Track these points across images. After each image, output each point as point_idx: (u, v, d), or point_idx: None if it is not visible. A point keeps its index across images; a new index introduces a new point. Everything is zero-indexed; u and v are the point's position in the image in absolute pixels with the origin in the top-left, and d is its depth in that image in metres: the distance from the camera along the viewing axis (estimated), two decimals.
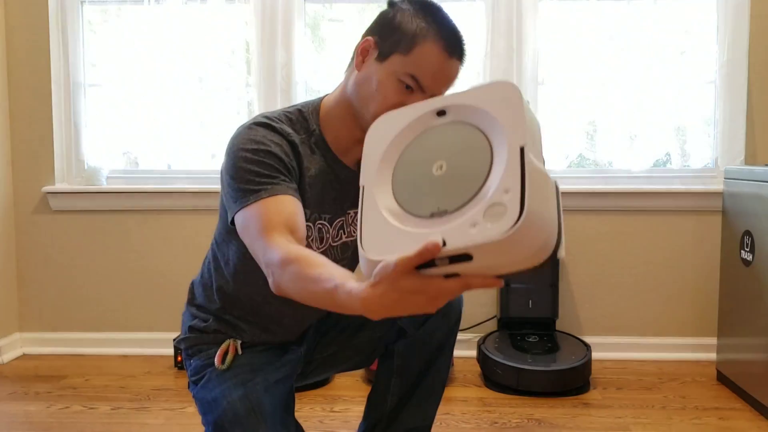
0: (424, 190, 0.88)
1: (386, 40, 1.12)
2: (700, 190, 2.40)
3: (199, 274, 1.32)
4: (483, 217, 0.80)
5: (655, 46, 2.40)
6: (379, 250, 0.85)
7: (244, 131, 1.11)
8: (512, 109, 0.87)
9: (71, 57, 2.55)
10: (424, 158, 0.90)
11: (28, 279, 2.57)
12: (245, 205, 1.05)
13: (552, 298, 2.28)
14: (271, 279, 0.98)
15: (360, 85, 1.15)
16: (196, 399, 1.22)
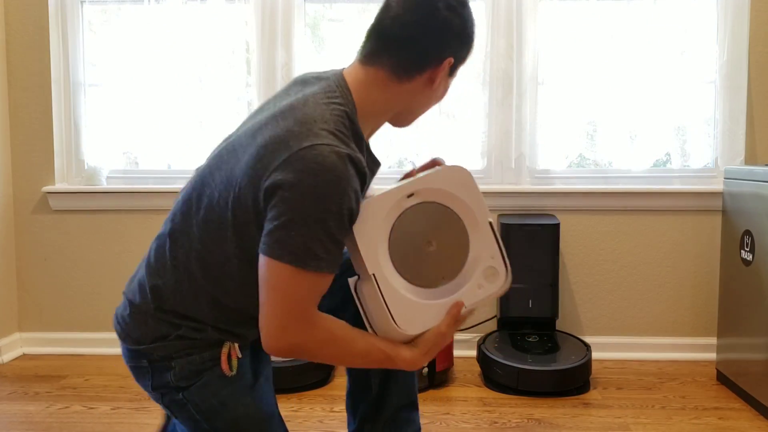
0: (426, 266, 1.12)
1: (459, 56, 1.14)
2: (700, 190, 2.40)
3: (172, 279, 1.12)
4: (484, 280, 1.14)
5: (655, 46, 2.40)
6: (414, 325, 1.10)
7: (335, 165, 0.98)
8: (471, 190, 1.15)
9: (71, 57, 2.55)
10: (413, 239, 1.11)
11: (28, 279, 2.57)
12: (304, 267, 0.99)
13: (552, 298, 2.28)
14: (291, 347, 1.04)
15: (431, 100, 1.18)
16: (187, 402, 1.14)
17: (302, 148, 0.99)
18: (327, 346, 1.06)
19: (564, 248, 2.47)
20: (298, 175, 0.98)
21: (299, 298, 1.02)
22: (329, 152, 0.98)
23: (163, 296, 1.12)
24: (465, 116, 2.50)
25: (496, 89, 2.44)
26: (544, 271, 2.27)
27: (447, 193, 1.13)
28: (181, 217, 1.13)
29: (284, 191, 0.98)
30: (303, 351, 1.05)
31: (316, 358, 1.09)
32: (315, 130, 1.01)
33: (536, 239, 2.25)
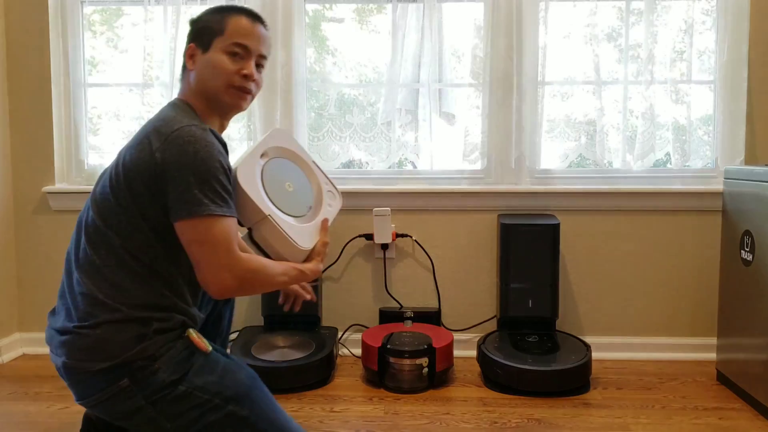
0: (294, 201, 1.50)
1: (202, 37, 1.40)
2: (700, 190, 2.40)
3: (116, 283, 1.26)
4: (330, 200, 1.59)
5: (655, 46, 2.39)
6: (307, 242, 1.47)
7: (204, 136, 1.27)
8: (294, 142, 1.58)
9: (71, 57, 2.55)
10: (277, 184, 1.47)
11: (28, 279, 2.57)
12: (213, 214, 1.23)
13: (552, 298, 2.28)
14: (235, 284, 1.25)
15: (202, 75, 1.40)
16: (193, 390, 1.25)
17: (174, 131, 1.26)
18: (259, 273, 1.31)
19: (564, 248, 2.47)
20: (180, 147, 1.24)
21: (223, 240, 1.24)
22: (196, 128, 1.27)
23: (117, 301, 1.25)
24: (465, 116, 2.50)
25: (496, 89, 2.44)
26: (544, 271, 2.27)
27: (282, 148, 1.54)
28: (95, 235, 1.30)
29: (174, 164, 1.23)
30: (247, 283, 1.29)
31: (256, 288, 1.37)
32: (177, 119, 1.29)
33: (536, 239, 2.25)
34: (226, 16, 1.41)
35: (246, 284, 1.28)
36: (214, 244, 1.23)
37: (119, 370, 1.22)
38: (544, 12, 2.39)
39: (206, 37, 1.40)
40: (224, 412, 1.26)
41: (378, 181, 2.54)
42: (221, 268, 1.24)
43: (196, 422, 1.25)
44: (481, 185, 2.50)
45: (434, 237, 2.50)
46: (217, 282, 1.24)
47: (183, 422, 1.25)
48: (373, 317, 2.51)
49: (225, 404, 1.26)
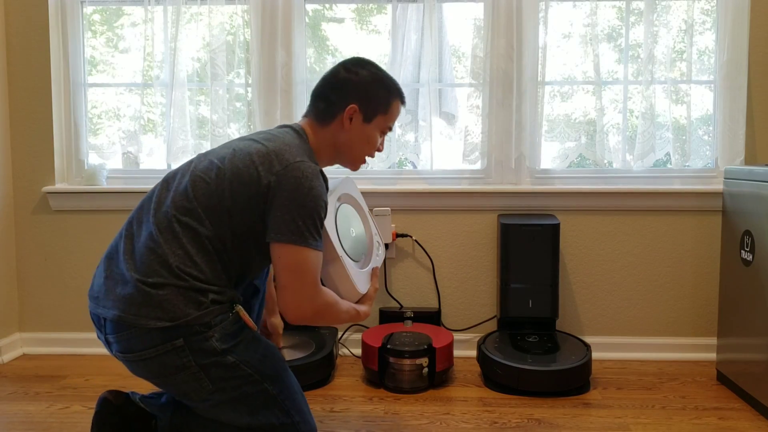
0: (355, 246, 1.61)
1: (368, 107, 1.53)
2: (700, 190, 2.40)
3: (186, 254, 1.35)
4: (379, 250, 1.72)
5: (656, 46, 2.39)
6: (363, 287, 1.57)
7: (318, 176, 1.39)
8: (357, 191, 1.72)
9: (71, 57, 2.55)
10: (345, 230, 1.59)
11: (28, 279, 2.57)
12: (304, 245, 1.35)
13: (552, 298, 2.28)
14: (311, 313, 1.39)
15: (350, 141, 1.55)
16: (240, 362, 1.37)
17: (296, 161, 1.38)
18: (332, 309, 1.43)
19: (564, 248, 2.47)
20: (296, 179, 1.35)
21: (312, 272, 1.37)
22: (312, 167, 1.39)
23: (184, 270, 1.33)
24: (465, 116, 2.50)
25: (496, 89, 2.44)
26: (544, 271, 2.27)
27: (350, 195, 1.66)
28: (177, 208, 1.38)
29: (288, 193, 1.35)
30: (320, 315, 1.41)
31: (325, 320, 1.45)
32: (299, 153, 1.41)
33: (536, 239, 2.26)
34: (392, 98, 1.57)
35: (319, 316, 1.41)
36: (304, 274, 1.35)
37: (177, 331, 1.31)
38: (544, 12, 2.39)
39: (372, 109, 1.54)
40: (260, 387, 1.39)
41: (378, 181, 2.54)
42: (304, 297, 1.37)
43: (235, 390, 1.37)
44: (481, 185, 2.50)
45: (434, 237, 2.50)
46: (296, 308, 1.37)
47: (223, 386, 1.36)
48: (373, 317, 2.51)
49: (262, 381, 1.39)
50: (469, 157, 2.49)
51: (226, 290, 1.39)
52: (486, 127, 2.46)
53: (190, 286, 1.33)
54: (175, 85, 2.46)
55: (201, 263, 1.35)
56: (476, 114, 2.47)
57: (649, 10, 2.37)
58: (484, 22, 2.42)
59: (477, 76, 2.45)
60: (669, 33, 2.40)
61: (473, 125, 2.48)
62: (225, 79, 2.49)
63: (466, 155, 2.49)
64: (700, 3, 2.46)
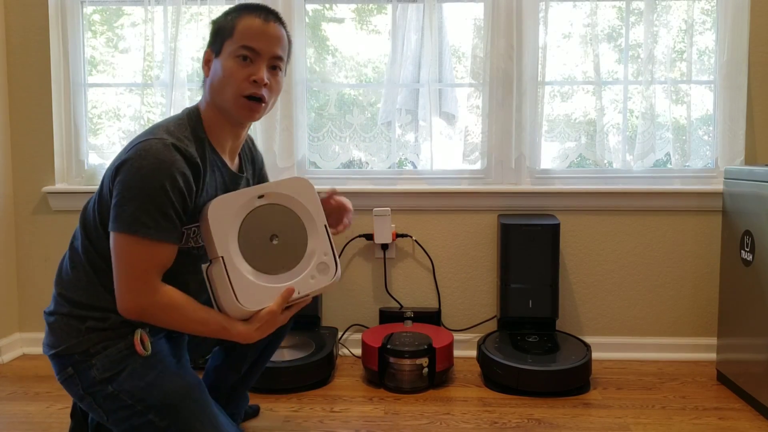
0: (268, 254, 1.34)
1: (216, 41, 1.36)
2: (700, 190, 2.40)
3: (70, 276, 1.34)
4: (317, 272, 1.38)
5: (656, 46, 2.39)
6: (253, 303, 1.29)
7: (154, 153, 1.22)
8: (312, 196, 1.41)
9: (71, 57, 2.55)
10: (260, 232, 1.34)
11: (28, 279, 2.57)
12: (132, 233, 1.20)
13: (552, 298, 2.28)
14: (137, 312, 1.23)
15: (213, 83, 1.36)
16: (119, 393, 1.28)
17: (139, 143, 1.24)
18: (169, 311, 1.25)
19: (564, 248, 2.47)
20: (129, 161, 1.22)
21: (137, 263, 1.21)
22: (156, 143, 1.23)
23: (67, 296, 1.32)
24: (465, 116, 2.50)
25: (496, 89, 2.44)
26: (544, 271, 2.27)
27: (292, 198, 1.39)
28: (77, 232, 1.36)
29: (120, 174, 1.23)
30: (148, 314, 1.24)
31: (161, 323, 1.27)
32: (154, 131, 1.27)
33: (536, 239, 2.25)
34: (237, 17, 1.34)
35: (148, 316, 1.25)
36: (128, 263, 1.22)
37: (64, 360, 1.32)
38: (544, 12, 2.39)
39: (219, 40, 1.35)
40: (145, 419, 1.28)
41: (378, 181, 2.54)
42: (129, 290, 1.23)
43: (124, 421, 1.30)
44: (481, 185, 2.50)
45: (434, 237, 2.50)
46: (121, 300, 1.24)
47: (115, 418, 1.31)
48: (373, 317, 2.51)
49: (147, 412, 1.28)
50: (469, 157, 2.49)
51: (110, 314, 1.30)
52: (486, 127, 2.46)
53: (69, 312, 1.31)
54: (175, 85, 2.46)
55: (80, 287, 1.31)
56: (476, 114, 2.47)
57: (649, 10, 2.37)
58: (484, 22, 2.42)
59: (477, 76, 2.45)
60: (669, 33, 2.40)
61: (473, 125, 2.48)
62: None
63: (466, 155, 2.49)
64: (700, 3, 2.46)
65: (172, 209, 1.23)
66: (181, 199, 1.25)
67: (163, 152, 1.22)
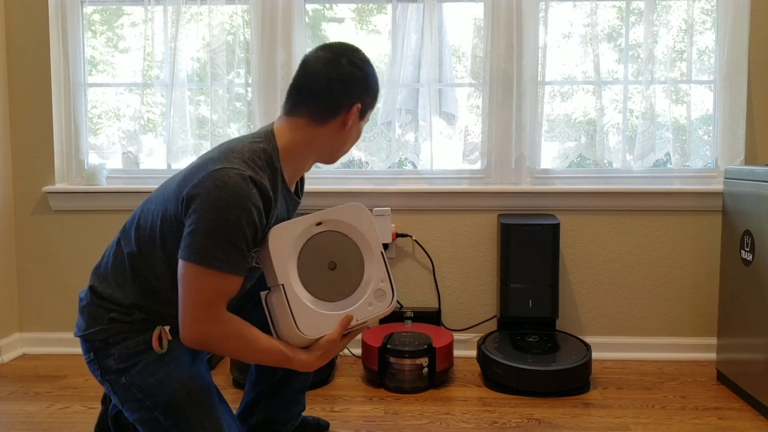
0: (328, 283, 1.36)
1: (365, 101, 1.39)
2: (700, 190, 2.40)
3: (108, 271, 1.38)
4: (374, 299, 1.39)
5: (656, 46, 2.39)
6: (314, 331, 1.32)
7: (237, 186, 1.22)
8: (368, 223, 1.42)
9: (71, 57, 2.55)
10: (319, 260, 1.36)
11: (28, 279, 2.57)
12: (203, 265, 1.21)
13: (552, 298, 2.28)
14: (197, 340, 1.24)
15: (350, 139, 1.42)
16: (131, 385, 1.31)
17: (215, 170, 1.24)
18: (232, 341, 1.27)
19: (564, 248, 2.47)
20: (206, 191, 1.22)
21: (205, 294, 1.22)
22: (234, 174, 1.23)
23: (98, 289, 1.37)
24: (465, 116, 2.50)
25: (496, 89, 2.44)
26: (544, 271, 2.27)
27: (349, 225, 1.40)
28: (128, 227, 1.39)
29: (195, 203, 1.23)
30: (211, 343, 1.26)
31: (224, 352, 1.29)
32: (230, 158, 1.26)
33: (536, 239, 2.26)
34: (378, 93, 1.45)
35: (211, 345, 1.26)
36: (196, 294, 1.23)
37: (88, 344, 1.35)
38: (544, 12, 2.39)
39: (367, 105, 1.41)
40: (152, 415, 1.31)
41: (378, 181, 2.54)
42: (194, 319, 1.24)
43: (134, 413, 1.33)
44: (481, 185, 2.50)
45: (434, 237, 2.50)
46: (185, 328, 1.25)
47: (126, 407, 1.34)
48: None
49: (153, 408, 1.31)
50: (469, 157, 2.49)
51: (134, 311, 1.34)
52: (486, 127, 2.46)
53: (97, 303, 1.36)
54: (175, 85, 2.46)
55: (113, 285, 1.36)
56: (476, 114, 2.47)
57: (649, 10, 2.37)
58: (484, 22, 2.42)
59: (477, 76, 2.45)
60: (669, 33, 2.40)
61: (473, 125, 2.48)
62: (225, 79, 2.49)
63: (466, 155, 2.49)
64: (700, 3, 2.46)
65: (244, 242, 1.24)
66: (253, 231, 1.26)
67: (240, 186, 1.22)
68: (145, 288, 1.34)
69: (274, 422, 1.66)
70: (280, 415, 1.67)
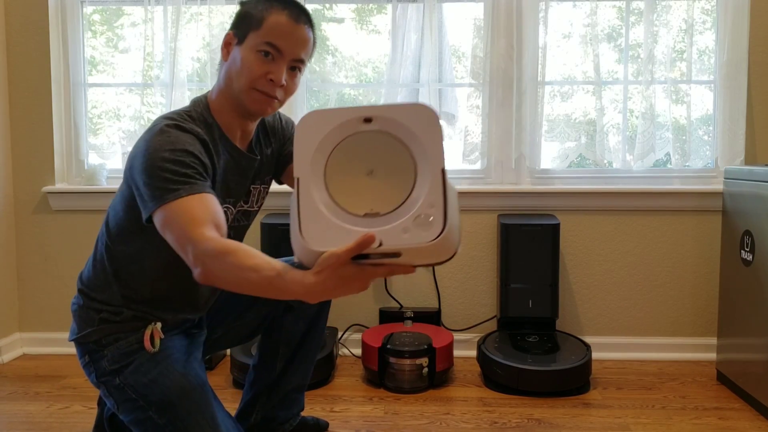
0: (357, 190, 1.04)
1: (240, 27, 1.31)
2: (700, 190, 2.40)
3: (90, 273, 1.40)
4: (413, 225, 1.00)
5: (655, 46, 2.39)
6: (319, 242, 1.01)
7: (157, 135, 1.22)
8: (433, 132, 1.04)
9: (71, 57, 2.55)
10: (356, 161, 1.05)
11: (28, 279, 2.57)
12: (165, 203, 1.17)
13: (552, 298, 2.28)
14: (200, 269, 1.13)
15: (228, 70, 1.32)
16: (125, 386, 1.31)
17: (146, 131, 1.26)
18: (223, 258, 1.10)
19: (564, 248, 2.47)
20: (136, 150, 1.24)
21: (183, 227, 1.15)
22: (158, 128, 1.24)
23: (85, 291, 1.38)
24: (465, 116, 2.50)
25: (496, 89, 2.44)
26: (544, 271, 2.26)
27: (407, 129, 1.05)
28: (102, 228, 1.40)
29: (132, 164, 1.25)
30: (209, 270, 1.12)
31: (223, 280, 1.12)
32: (165, 121, 1.27)
33: (536, 239, 2.25)
34: (268, 8, 1.28)
35: (210, 274, 1.13)
36: (177, 232, 1.15)
37: (82, 347, 1.36)
38: (544, 12, 2.39)
39: (244, 27, 1.30)
40: (146, 414, 1.30)
41: None
42: (185, 253, 1.15)
43: (129, 413, 1.33)
44: (481, 185, 2.50)
45: None
46: (193, 270, 1.15)
47: (121, 408, 1.34)
48: (373, 317, 2.51)
49: (147, 408, 1.30)
50: (469, 157, 2.49)
51: (123, 310, 1.35)
52: (486, 127, 2.46)
53: (86, 304, 1.37)
54: (175, 85, 2.46)
55: (97, 285, 1.37)
56: (476, 114, 2.47)
57: (649, 10, 2.37)
58: (484, 22, 2.42)
59: (477, 76, 2.45)
60: (669, 33, 2.40)
61: (473, 125, 2.48)
62: None
63: (466, 155, 2.49)
64: (700, 3, 2.46)
65: (189, 168, 1.20)
66: (198, 161, 1.23)
67: (166, 132, 1.23)
68: (126, 284, 1.36)
69: (272, 421, 1.67)
70: (279, 414, 1.67)
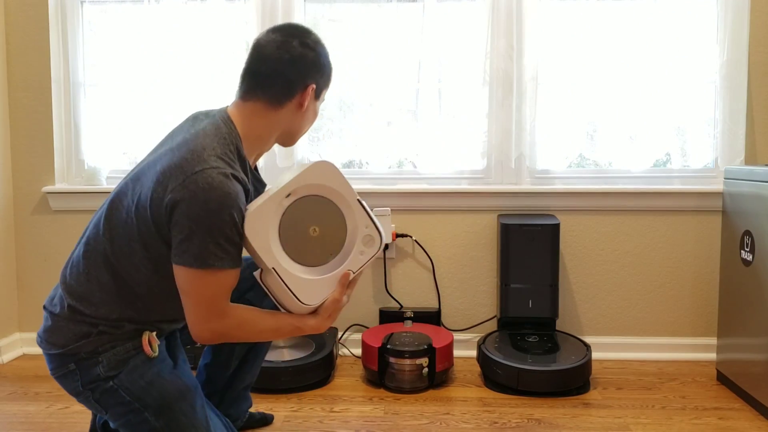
0: (313, 248, 1.35)
1: (319, 82, 1.39)
2: (700, 190, 2.40)
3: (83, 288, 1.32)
4: (364, 246, 1.37)
5: (655, 46, 2.40)
6: (316, 298, 1.34)
7: (222, 185, 1.22)
8: (336, 176, 1.34)
9: (71, 57, 2.55)
10: (300, 228, 1.33)
11: (28, 279, 2.57)
12: (206, 267, 1.22)
13: (552, 298, 2.28)
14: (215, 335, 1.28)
15: (307, 120, 1.42)
16: (118, 388, 1.31)
17: (195, 173, 1.21)
18: (240, 329, 1.31)
19: (564, 248, 2.47)
20: (192, 194, 1.20)
21: (210, 294, 1.25)
22: (216, 174, 1.22)
23: (79, 305, 1.32)
24: (465, 116, 2.50)
25: (496, 89, 2.44)
26: (544, 271, 2.27)
27: (318, 185, 1.34)
28: (94, 239, 1.33)
29: (181, 208, 1.21)
30: (223, 336, 1.30)
31: (237, 339, 1.33)
32: (204, 157, 1.24)
33: (536, 239, 2.26)
34: (332, 71, 1.45)
35: (225, 337, 1.30)
36: (201, 295, 1.25)
37: (67, 357, 1.32)
38: (544, 12, 2.39)
39: (322, 84, 1.42)
40: (142, 417, 1.31)
41: (378, 181, 2.54)
42: (203, 319, 1.26)
43: (121, 417, 1.33)
44: (481, 185, 2.50)
45: (434, 237, 2.50)
46: (196, 329, 1.28)
47: (112, 412, 1.33)
48: (373, 317, 2.51)
49: (143, 410, 1.31)
50: (469, 157, 2.49)
51: (125, 324, 1.32)
52: (486, 127, 2.46)
53: (79, 319, 1.31)
54: (175, 85, 2.46)
55: (93, 302, 1.31)
56: (476, 114, 2.47)
57: (649, 10, 2.37)
58: (484, 22, 2.42)
59: (477, 76, 2.45)
60: (669, 33, 2.40)
61: (473, 125, 2.48)
62: (225, 79, 2.48)
63: (466, 155, 2.49)
64: (700, 3, 2.46)
65: (238, 236, 1.26)
66: (242, 222, 1.28)
67: (226, 185, 1.22)
68: (131, 300, 1.32)
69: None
70: (231, 412, 1.70)
